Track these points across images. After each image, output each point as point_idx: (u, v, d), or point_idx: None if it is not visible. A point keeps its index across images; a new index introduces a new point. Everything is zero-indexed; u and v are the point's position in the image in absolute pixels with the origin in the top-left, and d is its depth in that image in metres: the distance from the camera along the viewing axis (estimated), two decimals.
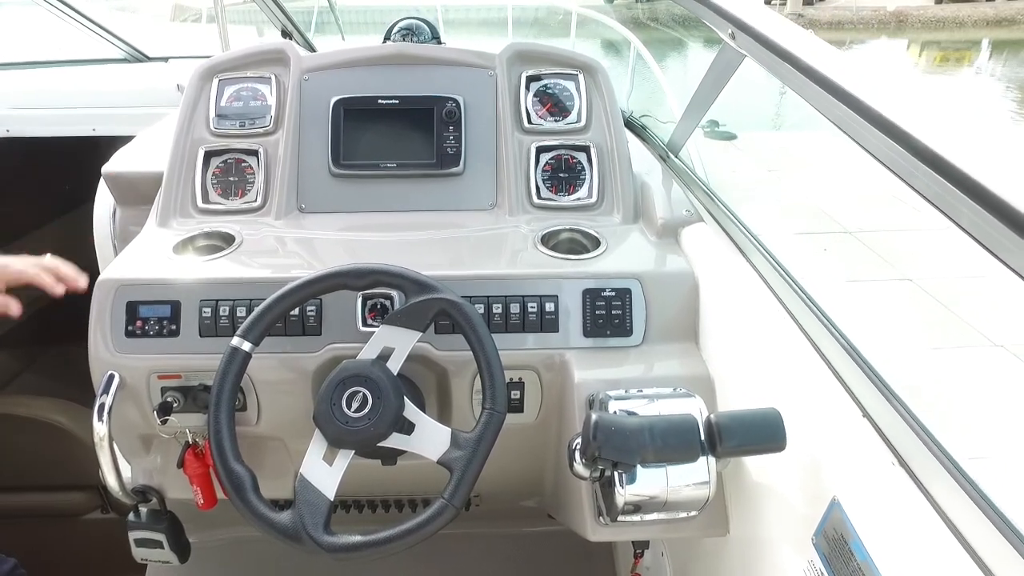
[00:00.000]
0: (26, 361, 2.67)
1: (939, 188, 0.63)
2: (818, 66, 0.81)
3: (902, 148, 0.68)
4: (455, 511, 0.93)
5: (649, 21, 2.70)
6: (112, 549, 2.09)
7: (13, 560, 1.60)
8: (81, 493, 2.08)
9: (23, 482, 2.03)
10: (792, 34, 0.90)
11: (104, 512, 2.13)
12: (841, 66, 0.80)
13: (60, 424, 2.01)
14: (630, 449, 0.80)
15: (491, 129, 1.44)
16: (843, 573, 0.75)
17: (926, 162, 0.64)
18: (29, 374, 2.64)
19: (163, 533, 1.31)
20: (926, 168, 0.64)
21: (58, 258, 1.21)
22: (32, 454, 1.97)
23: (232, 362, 0.99)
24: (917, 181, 0.67)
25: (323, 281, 1.03)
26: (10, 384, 2.67)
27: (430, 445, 0.97)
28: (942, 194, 0.63)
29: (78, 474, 2.02)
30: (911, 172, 0.67)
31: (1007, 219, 0.58)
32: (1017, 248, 0.58)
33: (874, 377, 0.83)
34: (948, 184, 0.62)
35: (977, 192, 0.60)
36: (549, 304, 1.18)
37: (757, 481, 0.99)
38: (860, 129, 0.75)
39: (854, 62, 0.78)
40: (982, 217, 0.60)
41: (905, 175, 0.68)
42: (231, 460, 0.97)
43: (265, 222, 1.37)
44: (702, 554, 1.20)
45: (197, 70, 1.46)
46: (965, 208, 0.62)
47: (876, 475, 0.77)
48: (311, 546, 0.92)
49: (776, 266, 1.10)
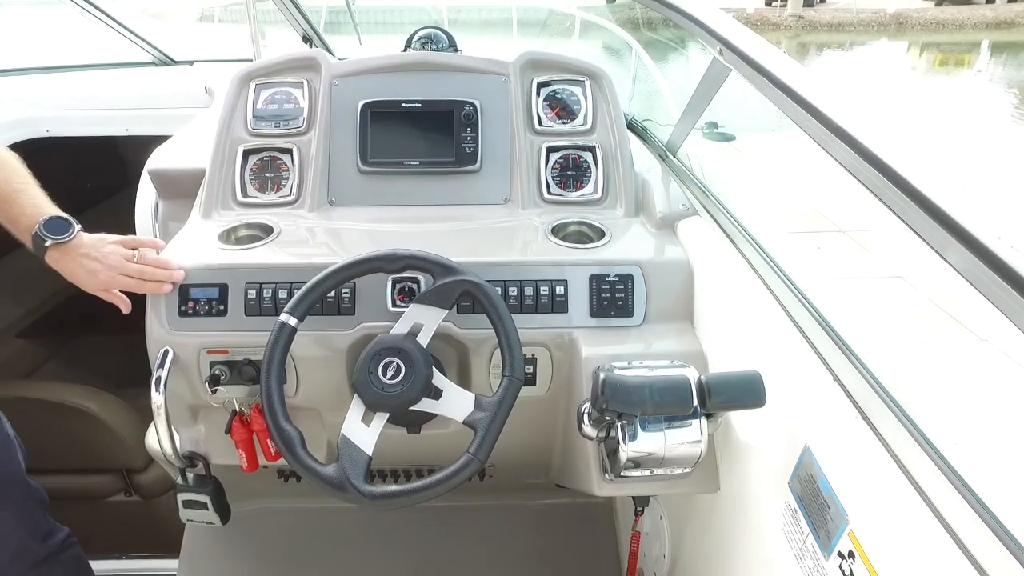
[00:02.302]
0: (49, 351, 2.76)
1: (881, 184, 0.77)
2: (790, 82, 0.96)
3: (852, 151, 0.82)
4: (479, 464, 1.06)
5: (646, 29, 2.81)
6: (135, 530, 2.20)
7: (67, 529, 1.73)
8: (106, 476, 2.16)
9: (51, 464, 2.12)
10: (771, 54, 1.04)
11: (127, 495, 2.21)
12: (808, 82, 0.94)
13: (87, 409, 2.07)
14: (632, 402, 0.94)
15: (505, 130, 1.57)
16: (811, 507, 0.88)
17: (869, 161, 0.78)
18: (52, 363, 2.73)
19: (208, 496, 1.44)
20: (870, 168, 0.79)
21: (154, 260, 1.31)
22: (60, 438, 2.04)
23: (280, 335, 1.12)
24: (863, 176, 0.82)
25: (361, 265, 1.16)
26: (35, 372, 2.78)
27: (456, 408, 1.11)
28: (883, 189, 0.78)
29: (103, 458, 2.12)
30: (857, 168, 0.82)
31: (932, 214, 0.72)
32: (945, 241, 0.72)
33: (843, 345, 0.97)
34: (887, 181, 0.76)
35: (909, 190, 0.74)
36: (559, 288, 1.31)
37: (743, 440, 1.13)
38: (822, 135, 0.89)
39: (819, 80, 0.92)
40: (917, 214, 0.74)
41: (853, 171, 0.82)
42: (282, 420, 1.10)
43: (299, 214, 1.50)
44: (696, 513, 1.33)
45: (236, 75, 1.59)
46: (904, 204, 0.76)
47: (841, 427, 0.90)
48: (354, 494, 1.05)
49: (762, 254, 1.23)
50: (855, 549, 0.79)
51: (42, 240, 1.20)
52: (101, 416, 2.07)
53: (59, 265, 1.24)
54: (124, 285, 1.26)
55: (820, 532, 0.86)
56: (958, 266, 0.72)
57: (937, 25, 19.96)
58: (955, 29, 19.76)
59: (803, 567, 0.91)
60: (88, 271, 1.23)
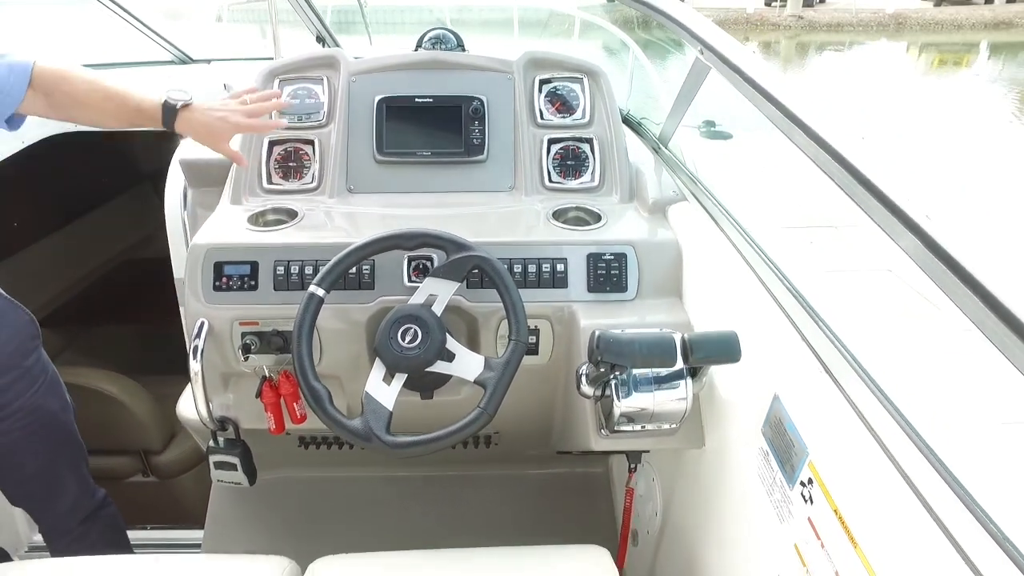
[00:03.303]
0: (67, 339, 2.88)
1: (836, 171, 0.91)
2: (757, 78, 1.10)
3: (808, 139, 0.96)
4: (489, 417, 1.18)
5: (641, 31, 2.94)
6: (152, 510, 2.32)
7: (104, 491, 1.87)
8: (125, 458, 2.27)
9: None
10: (743, 55, 1.18)
11: (144, 476, 2.31)
12: (772, 79, 1.07)
13: (109, 392, 2.17)
14: (624, 354, 1.07)
15: (510, 124, 1.70)
16: (779, 446, 1.01)
17: (823, 148, 0.91)
18: (68, 353, 2.84)
19: (237, 457, 1.57)
20: (824, 153, 0.92)
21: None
22: (81, 420, 2.16)
23: (310, 304, 1.25)
24: (819, 160, 0.96)
25: (382, 242, 1.28)
26: (55, 359, 2.91)
27: (467, 369, 1.23)
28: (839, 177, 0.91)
29: (123, 440, 2.23)
30: (815, 153, 0.95)
31: (878, 198, 0.85)
32: (883, 218, 0.84)
33: (808, 308, 1.10)
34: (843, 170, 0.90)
35: (860, 176, 0.87)
36: (559, 266, 1.44)
37: (724, 398, 1.26)
38: (784, 126, 1.03)
39: (778, 77, 1.06)
40: (863, 199, 0.88)
41: (812, 156, 0.96)
42: (312, 379, 1.23)
43: (320, 200, 1.63)
44: (684, 471, 1.46)
45: (261, 72, 1.72)
46: (855, 189, 0.89)
47: (807, 379, 1.03)
48: (377, 444, 1.18)
49: (743, 233, 1.36)
50: (813, 477, 0.92)
51: (173, 106, 1.36)
52: (121, 399, 2.17)
53: (191, 125, 1.38)
54: (248, 126, 1.43)
55: (786, 467, 0.99)
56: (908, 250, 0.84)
57: (936, 25, 20.09)
58: (953, 29, 19.88)
59: (773, 500, 1.04)
60: (219, 118, 1.39)
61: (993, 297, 0.69)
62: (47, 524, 1.78)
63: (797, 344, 1.09)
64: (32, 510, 1.78)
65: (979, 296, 0.71)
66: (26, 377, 1.49)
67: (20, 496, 1.72)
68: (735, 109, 1.48)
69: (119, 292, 3.25)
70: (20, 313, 1.48)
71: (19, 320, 1.47)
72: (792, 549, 0.98)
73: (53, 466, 1.65)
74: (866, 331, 3.50)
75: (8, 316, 1.45)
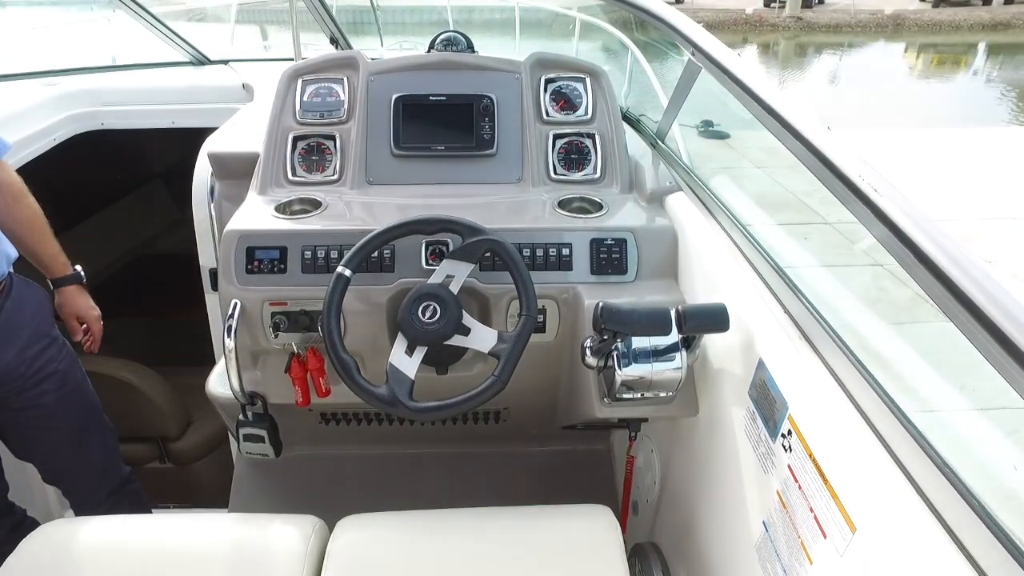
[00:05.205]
0: None
1: (814, 166, 1.03)
2: (744, 79, 1.22)
3: (791, 136, 1.07)
4: (502, 384, 1.30)
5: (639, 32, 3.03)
6: (171, 495, 2.42)
7: (130, 468, 1.99)
8: (143, 444, 2.38)
9: None
10: (730, 57, 1.30)
11: (162, 462, 2.42)
12: (757, 79, 1.19)
13: (127, 380, 2.27)
14: (624, 322, 1.19)
15: (517, 120, 1.83)
16: (763, 404, 1.14)
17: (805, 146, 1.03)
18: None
19: (264, 430, 1.69)
20: (808, 153, 1.03)
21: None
22: (103, 407, 2.28)
23: (338, 283, 1.37)
24: (802, 157, 1.07)
25: (404, 227, 1.40)
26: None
27: (482, 342, 1.35)
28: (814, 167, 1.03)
29: (142, 427, 2.33)
30: (801, 152, 1.07)
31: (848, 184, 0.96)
32: (856, 207, 0.96)
33: (790, 283, 1.22)
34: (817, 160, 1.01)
35: (833, 167, 0.99)
36: (564, 250, 1.56)
37: (716, 367, 1.38)
38: (768, 123, 1.14)
39: (764, 77, 1.18)
40: (839, 189, 0.99)
41: (798, 154, 1.07)
42: (341, 351, 1.34)
43: (341, 191, 1.76)
44: (680, 439, 1.58)
45: (285, 73, 1.84)
46: (829, 181, 1.01)
47: (788, 345, 1.15)
48: (402, 409, 1.30)
49: (732, 219, 1.48)
50: (792, 428, 1.04)
51: (79, 275, 1.83)
52: (139, 386, 2.27)
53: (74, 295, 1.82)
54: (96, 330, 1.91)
55: (769, 423, 1.12)
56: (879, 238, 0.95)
57: (934, 26, 20.18)
58: (952, 30, 19.97)
59: (758, 454, 1.16)
60: (90, 307, 1.87)
61: (951, 280, 0.77)
62: (78, 496, 1.90)
63: (780, 315, 1.21)
64: (63, 481, 1.89)
65: (940, 281, 0.78)
66: (55, 344, 1.70)
67: (52, 467, 1.83)
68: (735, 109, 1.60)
69: (134, 286, 3.37)
70: (37, 289, 1.70)
71: (39, 296, 1.70)
72: (775, 496, 1.09)
73: (84, 432, 1.78)
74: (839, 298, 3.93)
75: (29, 292, 1.66)
